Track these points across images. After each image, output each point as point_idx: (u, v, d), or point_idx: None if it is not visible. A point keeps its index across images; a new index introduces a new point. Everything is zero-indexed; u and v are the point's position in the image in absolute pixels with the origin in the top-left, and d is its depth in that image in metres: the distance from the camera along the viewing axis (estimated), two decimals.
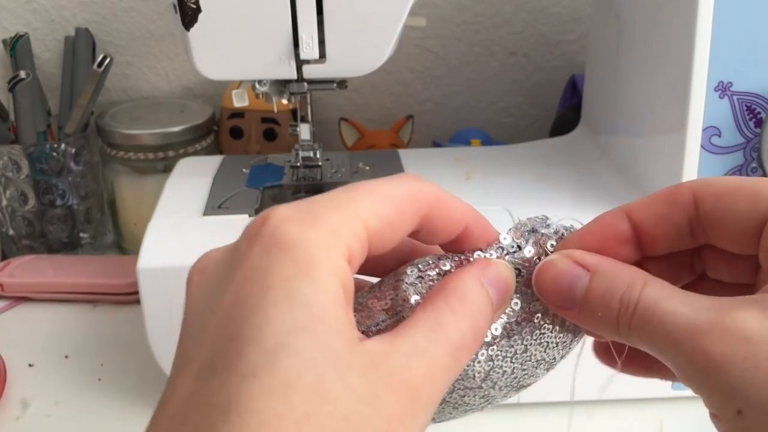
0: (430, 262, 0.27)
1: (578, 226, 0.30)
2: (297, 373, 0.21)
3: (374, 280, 0.28)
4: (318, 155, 0.61)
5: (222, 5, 0.50)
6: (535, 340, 0.28)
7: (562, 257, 0.27)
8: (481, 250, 0.28)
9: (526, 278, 0.28)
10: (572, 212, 0.55)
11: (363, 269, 0.27)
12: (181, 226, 0.56)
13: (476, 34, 0.88)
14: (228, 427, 0.21)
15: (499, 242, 0.28)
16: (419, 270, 0.27)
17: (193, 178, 0.63)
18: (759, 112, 0.49)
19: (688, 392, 0.58)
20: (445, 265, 0.27)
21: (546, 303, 0.28)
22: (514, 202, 0.57)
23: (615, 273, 0.26)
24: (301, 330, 0.22)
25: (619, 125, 0.63)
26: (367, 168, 0.64)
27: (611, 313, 0.26)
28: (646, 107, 0.57)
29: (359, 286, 0.28)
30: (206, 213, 0.57)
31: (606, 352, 0.30)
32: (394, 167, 0.64)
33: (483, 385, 0.28)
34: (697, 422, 0.56)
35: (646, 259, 0.28)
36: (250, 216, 0.56)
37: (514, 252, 0.28)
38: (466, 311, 0.25)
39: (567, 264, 0.27)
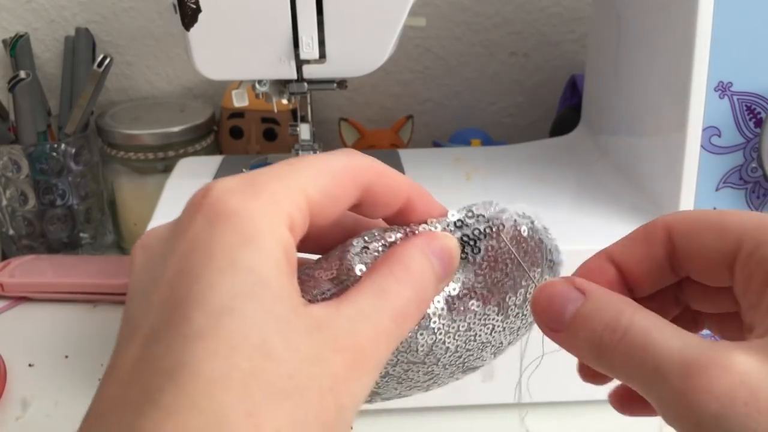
0: (376, 234, 0.28)
1: (530, 213, 0.30)
2: (242, 335, 0.22)
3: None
4: None
5: (222, 5, 0.50)
6: (479, 320, 0.29)
7: (563, 280, 0.27)
8: (427, 224, 0.29)
9: (474, 255, 0.28)
10: (572, 212, 0.55)
11: (309, 247, 0.28)
12: None
13: (476, 34, 0.88)
14: (175, 388, 0.21)
15: (447, 217, 0.29)
16: (365, 241, 0.27)
17: (193, 178, 0.63)
18: (759, 112, 0.49)
19: None
20: (390, 237, 0.28)
21: (537, 323, 0.27)
22: (514, 202, 0.57)
23: (608, 298, 0.26)
24: (245, 294, 0.22)
25: (619, 125, 0.63)
26: None
27: (595, 336, 0.25)
28: (646, 107, 0.57)
29: (304, 263, 0.28)
30: None
31: (592, 375, 0.30)
32: (394, 167, 0.64)
33: (426, 360, 0.28)
34: None
35: (636, 300, 0.28)
36: None
37: (461, 227, 0.29)
38: (409, 280, 0.26)
39: (565, 286, 0.27)
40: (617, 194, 0.58)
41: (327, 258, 0.28)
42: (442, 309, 0.28)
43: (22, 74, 0.73)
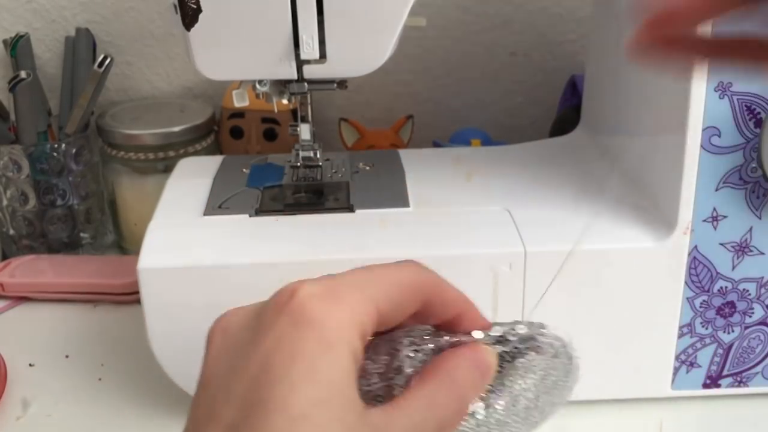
0: (425, 336, 0.31)
1: (564, 342, 0.33)
2: None
3: None
4: (318, 155, 0.61)
5: (222, 5, 0.50)
6: (499, 425, 0.32)
7: None
8: (471, 334, 0.32)
9: (509, 371, 0.32)
10: (572, 212, 0.55)
11: None
12: (181, 226, 0.56)
13: (476, 34, 0.88)
14: None
15: (489, 332, 0.32)
16: (415, 344, 0.30)
17: (193, 178, 0.63)
18: (759, 112, 0.49)
19: (688, 392, 0.58)
20: (438, 343, 0.31)
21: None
22: (514, 202, 0.57)
23: None
24: (321, 402, 0.25)
25: (619, 125, 0.63)
26: (368, 168, 0.64)
27: None
28: (646, 107, 0.57)
29: None
30: (206, 213, 0.57)
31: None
32: (394, 167, 0.64)
33: None
34: (697, 422, 0.57)
35: None
36: (250, 216, 0.56)
37: (502, 342, 0.32)
38: (455, 393, 0.29)
39: None
40: (617, 194, 0.58)
41: (375, 349, 0.30)
42: (470, 412, 0.31)
43: (23, 74, 0.73)
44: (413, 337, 0.31)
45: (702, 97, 0.49)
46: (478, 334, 0.32)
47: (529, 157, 0.67)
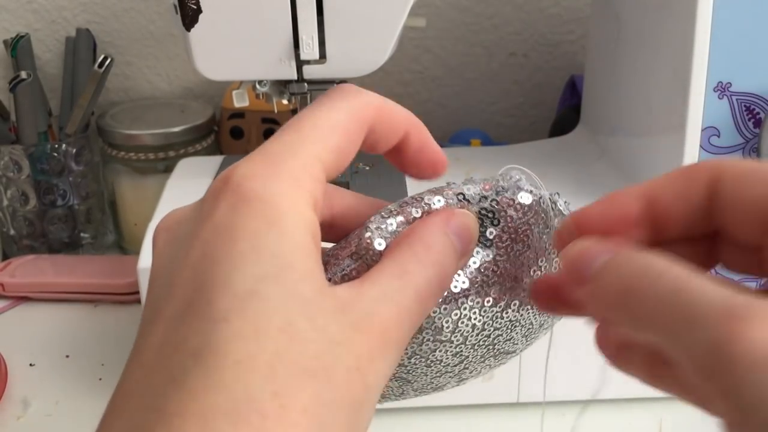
0: (393, 209, 0.28)
1: (554, 194, 0.30)
2: (267, 317, 0.22)
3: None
4: None
5: (222, 6, 0.50)
6: (503, 293, 0.28)
7: (598, 238, 0.26)
8: (443, 196, 0.28)
9: (494, 228, 0.28)
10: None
11: (328, 235, 0.28)
12: None
13: (476, 34, 0.88)
14: (200, 369, 0.21)
15: (463, 191, 0.29)
16: (382, 217, 0.28)
17: (193, 178, 0.63)
18: (758, 113, 0.49)
19: None
20: (407, 212, 0.28)
21: (565, 273, 0.26)
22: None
23: (641, 251, 0.23)
24: (270, 277, 0.23)
25: (618, 125, 0.63)
26: (368, 168, 0.64)
27: (623, 282, 0.23)
28: (646, 107, 0.57)
29: (324, 250, 0.28)
30: None
31: (611, 347, 0.28)
32: (394, 167, 0.64)
33: (453, 338, 0.28)
34: (696, 422, 0.57)
35: (659, 244, 0.26)
36: None
37: (478, 202, 0.29)
38: (430, 259, 0.26)
39: (598, 242, 0.25)
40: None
41: (346, 238, 0.28)
42: (464, 283, 0.28)
43: (23, 75, 0.73)
44: (380, 213, 0.28)
45: (701, 98, 0.49)
46: (449, 196, 0.28)
47: (529, 157, 0.67)
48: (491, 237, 0.28)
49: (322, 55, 0.52)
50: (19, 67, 0.78)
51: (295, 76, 0.53)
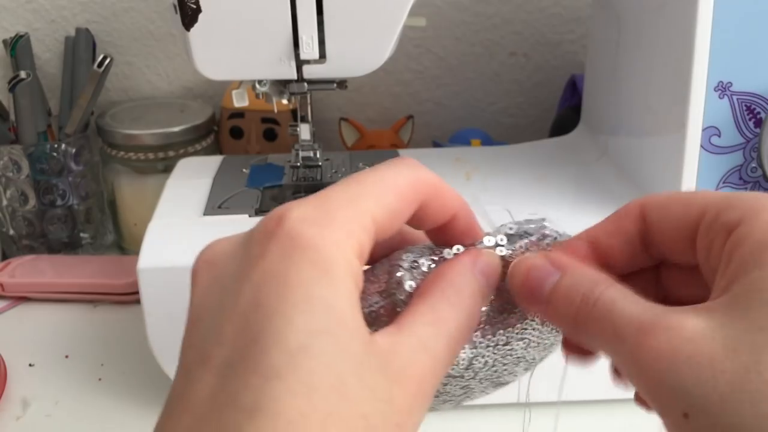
0: (424, 249, 0.29)
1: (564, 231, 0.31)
2: (319, 374, 0.22)
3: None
4: (318, 155, 0.61)
5: (222, 5, 0.50)
6: (517, 334, 0.29)
7: (540, 255, 0.28)
8: (472, 245, 0.29)
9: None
10: (572, 212, 0.55)
11: None
12: (181, 227, 0.56)
13: (476, 34, 0.88)
14: (254, 428, 0.22)
15: (487, 238, 0.30)
16: (413, 256, 0.28)
17: (193, 178, 0.63)
18: (759, 112, 0.49)
19: None
20: (438, 254, 0.28)
21: (515, 295, 0.28)
22: (514, 202, 0.57)
23: (582, 272, 0.27)
24: (321, 332, 0.23)
25: (619, 125, 0.63)
26: (367, 168, 0.64)
27: (573, 308, 0.26)
28: (646, 107, 0.57)
29: None
30: (206, 213, 0.57)
31: (574, 350, 0.31)
32: None
33: (465, 374, 0.29)
34: None
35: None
36: (250, 216, 0.56)
37: (504, 244, 0.29)
38: (461, 303, 0.26)
39: (541, 260, 0.28)
40: (617, 194, 0.58)
41: (374, 271, 0.28)
42: (484, 323, 0.28)
43: (23, 74, 0.73)
44: (412, 252, 0.28)
45: (702, 97, 0.49)
46: (479, 243, 0.29)
47: (529, 157, 0.67)
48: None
49: (322, 55, 0.52)
50: (18, 67, 0.78)
51: (294, 76, 0.53)
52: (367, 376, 0.23)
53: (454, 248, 0.29)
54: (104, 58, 0.73)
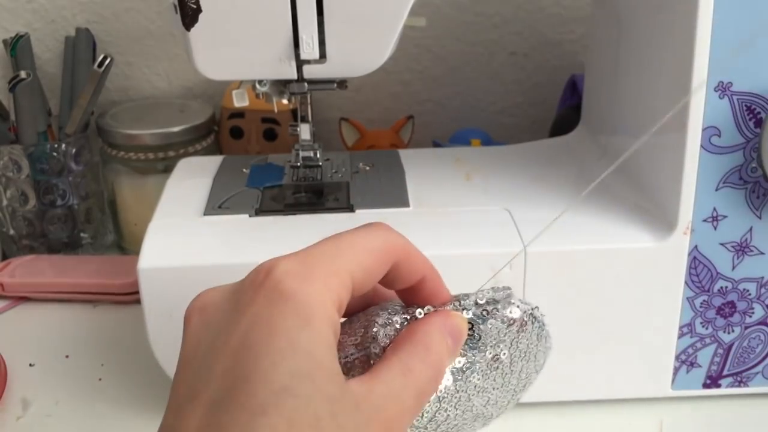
0: (398, 308, 0.32)
1: (532, 306, 0.34)
2: (299, 412, 0.25)
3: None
4: (318, 155, 0.61)
5: (222, 5, 0.50)
6: (477, 392, 0.33)
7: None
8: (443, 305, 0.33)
9: (479, 334, 0.32)
10: (572, 212, 0.55)
11: None
12: (181, 226, 0.56)
13: (476, 34, 0.88)
14: None
15: (459, 299, 0.33)
16: (388, 314, 0.31)
17: (193, 178, 0.63)
18: (759, 112, 0.49)
19: (689, 392, 0.58)
20: (410, 313, 0.31)
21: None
22: (514, 202, 0.57)
23: None
24: (303, 375, 0.25)
25: (619, 125, 0.63)
26: (368, 168, 0.64)
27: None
28: (646, 107, 0.57)
29: None
30: (206, 213, 0.57)
31: None
32: (394, 167, 0.64)
33: (428, 426, 0.32)
34: (697, 422, 0.57)
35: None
36: (250, 216, 0.56)
37: (472, 308, 0.33)
38: (431, 360, 0.29)
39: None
40: (617, 194, 0.58)
41: (351, 324, 0.32)
42: (448, 380, 0.32)
43: (23, 74, 0.73)
44: (386, 310, 0.31)
45: (702, 97, 0.49)
46: (448, 305, 0.32)
47: (529, 157, 0.67)
48: (476, 340, 0.32)
49: (322, 55, 0.52)
50: (18, 67, 0.78)
51: (295, 76, 0.53)
52: (341, 416, 0.26)
53: (426, 308, 0.32)
54: (104, 58, 0.73)
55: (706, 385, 0.56)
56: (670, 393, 0.56)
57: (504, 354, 0.33)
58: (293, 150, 0.62)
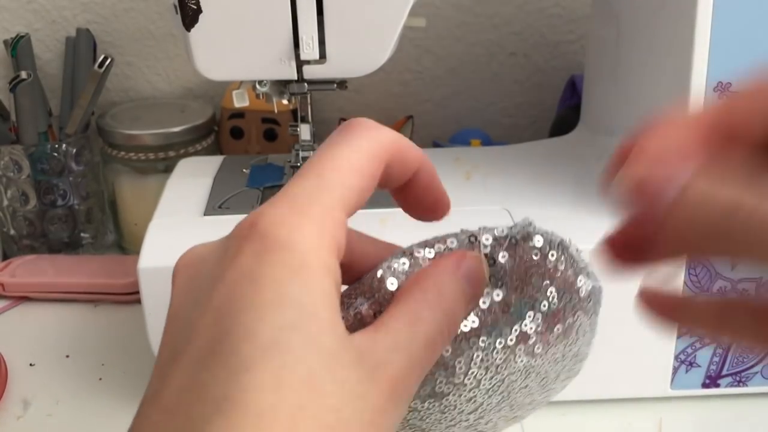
0: (406, 250, 0.28)
1: (572, 244, 0.29)
2: (289, 368, 0.22)
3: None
4: None
5: (223, 6, 0.50)
6: (516, 338, 0.28)
7: (651, 165, 0.24)
8: (456, 238, 0.29)
9: (501, 272, 0.28)
10: (572, 212, 0.55)
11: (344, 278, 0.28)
12: (181, 226, 0.56)
13: (476, 34, 0.88)
14: (222, 420, 0.21)
15: (475, 234, 0.29)
16: (395, 257, 0.28)
17: (193, 178, 0.63)
18: None
19: (688, 392, 0.58)
20: (419, 253, 0.28)
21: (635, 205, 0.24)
22: (513, 202, 0.57)
23: (719, 189, 0.22)
24: (292, 327, 0.23)
25: (618, 125, 0.63)
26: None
27: (712, 225, 0.22)
28: (646, 107, 0.57)
29: None
30: (207, 213, 0.57)
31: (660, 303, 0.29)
32: None
33: (466, 381, 0.28)
34: (696, 422, 0.57)
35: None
36: None
37: (491, 243, 0.29)
38: (443, 306, 0.26)
39: (657, 168, 0.23)
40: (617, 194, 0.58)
41: (360, 280, 0.28)
42: (473, 322, 0.27)
43: (23, 75, 0.73)
44: (394, 254, 0.28)
45: (701, 98, 0.49)
46: (461, 239, 0.28)
47: (529, 157, 0.67)
48: (501, 278, 0.28)
49: (322, 55, 0.52)
50: (19, 67, 0.78)
51: (295, 76, 0.53)
52: (339, 370, 0.23)
53: (436, 247, 0.28)
54: (105, 58, 0.73)
55: (705, 385, 0.56)
56: (669, 393, 0.56)
57: (534, 288, 0.28)
58: (293, 150, 0.62)
